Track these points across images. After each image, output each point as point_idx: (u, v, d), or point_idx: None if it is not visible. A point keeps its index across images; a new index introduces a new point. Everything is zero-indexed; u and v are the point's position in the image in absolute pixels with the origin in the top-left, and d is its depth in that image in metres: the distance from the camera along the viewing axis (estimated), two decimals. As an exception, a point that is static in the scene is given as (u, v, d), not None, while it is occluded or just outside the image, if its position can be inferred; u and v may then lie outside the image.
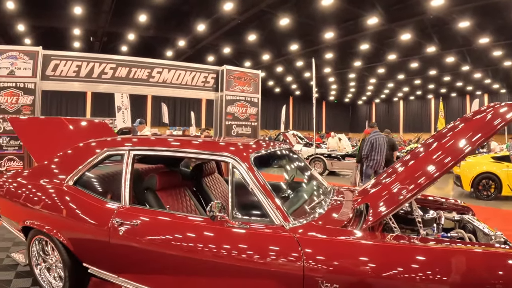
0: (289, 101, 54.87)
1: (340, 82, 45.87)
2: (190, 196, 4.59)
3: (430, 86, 46.95)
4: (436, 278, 2.61)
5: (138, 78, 10.15)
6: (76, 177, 4.23)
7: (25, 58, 8.89)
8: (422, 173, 3.26)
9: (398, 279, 2.65)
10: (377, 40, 26.93)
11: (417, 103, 57.35)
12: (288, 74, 41.02)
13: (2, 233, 6.85)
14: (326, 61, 33.21)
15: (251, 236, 3.15)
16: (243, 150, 3.58)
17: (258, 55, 31.38)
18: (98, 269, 3.98)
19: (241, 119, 11.63)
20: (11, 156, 8.79)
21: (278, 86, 49.26)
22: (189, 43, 27.88)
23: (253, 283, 3.07)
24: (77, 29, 24.73)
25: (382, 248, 2.89)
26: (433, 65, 34.48)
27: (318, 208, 3.62)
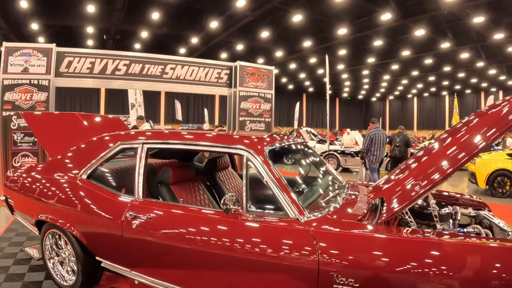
0: (302, 98, 54.66)
1: (353, 79, 45.64)
2: (203, 190, 4.57)
3: (444, 83, 46.55)
4: (452, 272, 2.56)
5: (152, 75, 10.21)
6: (89, 170, 4.23)
7: (39, 55, 8.96)
8: (436, 168, 3.19)
9: (414, 273, 2.61)
10: (390, 36, 26.70)
11: (431, 100, 56.89)
12: (302, 71, 40.91)
13: (16, 228, 6.96)
14: (340, 57, 33.02)
15: (266, 229, 3.11)
16: (257, 143, 3.53)
17: (271, 52, 31.28)
18: (111, 263, 3.98)
19: (255, 115, 11.65)
20: (25, 152, 8.88)
21: (291, 83, 49.14)
22: (202, 40, 27.86)
23: (267, 276, 3.03)
24: (90, 27, 24.81)
25: (397, 242, 2.84)
26: (447, 61, 34.10)
27: (333, 202, 3.58)
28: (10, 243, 6.21)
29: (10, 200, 5.16)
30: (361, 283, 2.69)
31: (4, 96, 8.80)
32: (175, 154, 5.47)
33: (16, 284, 4.60)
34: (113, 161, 4.61)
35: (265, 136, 3.82)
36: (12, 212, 5.29)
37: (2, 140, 8.87)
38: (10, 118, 8.83)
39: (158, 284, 3.64)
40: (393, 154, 12.85)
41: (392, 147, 12.91)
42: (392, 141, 12.97)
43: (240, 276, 3.17)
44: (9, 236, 6.57)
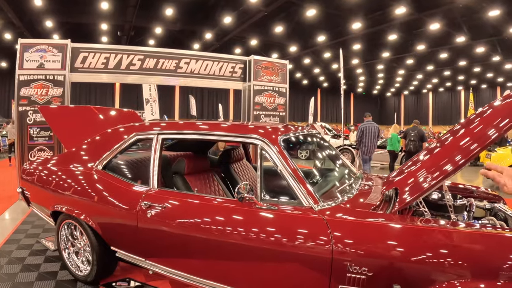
0: (317, 93, 54.47)
1: (368, 74, 45.34)
2: (218, 181, 4.60)
3: (459, 78, 46.05)
4: (466, 262, 2.55)
5: (166, 69, 10.26)
6: (105, 161, 4.28)
7: (54, 51, 9.03)
8: (449, 160, 3.17)
9: (428, 262, 2.61)
10: (405, 31, 26.47)
11: (446, 95, 56.32)
12: (316, 66, 40.74)
13: (32, 220, 7.11)
14: (354, 52, 32.83)
15: (280, 218, 3.12)
16: (272, 133, 3.53)
17: (285, 47, 31.22)
18: (125, 253, 4.03)
19: (269, 109, 11.65)
20: (41, 146, 8.96)
21: (305, 78, 49.00)
22: (216, 35, 27.89)
23: (281, 264, 3.03)
24: (104, 24, 24.96)
25: (411, 231, 2.82)
26: (463, 56, 33.73)
27: (347, 192, 3.57)
28: (26, 234, 6.31)
29: (26, 192, 5.23)
30: (375, 272, 2.70)
31: (20, 91, 8.88)
32: (190, 146, 5.50)
33: (32, 274, 4.68)
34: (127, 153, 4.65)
35: (279, 126, 3.83)
36: (29, 204, 5.36)
37: (19, 135, 8.97)
38: (26, 113, 8.92)
39: (173, 273, 3.68)
40: (408, 149, 12.84)
41: (406, 142, 12.89)
42: (407, 135, 12.95)
43: (253, 265, 3.18)
44: (26, 228, 6.68)
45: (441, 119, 55.34)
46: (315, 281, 2.91)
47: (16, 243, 5.85)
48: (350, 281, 2.75)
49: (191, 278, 3.56)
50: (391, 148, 14.52)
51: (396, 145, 14.40)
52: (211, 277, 3.43)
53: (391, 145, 14.48)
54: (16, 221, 7.13)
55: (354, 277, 2.74)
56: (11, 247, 5.68)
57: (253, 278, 3.20)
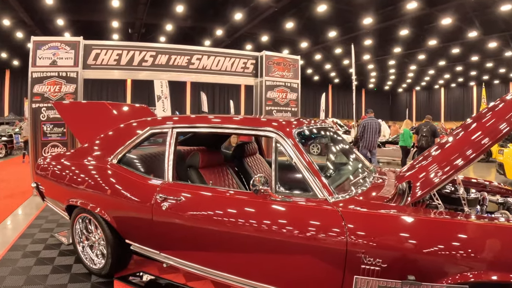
0: (328, 89, 54.26)
1: (379, 69, 45.04)
2: (232, 175, 4.63)
3: (472, 73, 45.62)
4: (480, 254, 2.57)
5: (178, 65, 10.29)
6: (120, 155, 4.32)
7: (67, 48, 9.10)
8: (461, 153, 3.18)
9: (441, 254, 2.62)
10: (417, 26, 26.27)
11: (458, 90, 55.79)
12: (327, 62, 40.54)
13: (46, 215, 7.21)
14: (365, 48, 32.64)
15: (294, 209, 3.14)
16: (286, 125, 3.54)
17: (296, 43, 31.12)
18: (140, 246, 4.06)
19: (281, 105, 11.67)
20: (54, 142, 9.03)
21: (316, 74, 48.77)
22: (227, 32, 27.86)
23: (296, 256, 3.05)
24: (115, 21, 25.04)
25: (425, 223, 2.84)
26: (475, 51, 33.41)
27: (361, 185, 3.59)
28: (41, 229, 6.39)
29: (41, 187, 5.28)
30: (389, 263, 2.71)
31: (34, 88, 8.96)
32: (203, 141, 5.52)
33: (47, 267, 4.74)
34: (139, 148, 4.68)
35: (292, 119, 3.83)
36: (43, 199, 5.41)
37: (32, 131, 9.06)
38: (40, 109, 8.99)
39: (187, 265, 3.70)
40: (420, 144, 12.79)
41: (419, 137, 12.84)
42: (419, 131, 12.90)
43: (268, 256, 3.20)
44: (40, 223, 6.76)
45: (453, 115, 54.82)
46: (329, 273, 2.93)
47: (31, 238, 5.91)
48: (365, 272, 2.76)
49: (205, 271, 3.58)
50: (403, 143, 14.48)
51: (408, 141, 14.34)
52: (225, 269, 3.45)
53: (403, 141, 14.43)
54: (30, 216, 7.21)
55: (369, 268, 2.74)
56: (26, 241, 5.74)
57: (268, 270, 3.22)
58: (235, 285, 3.44)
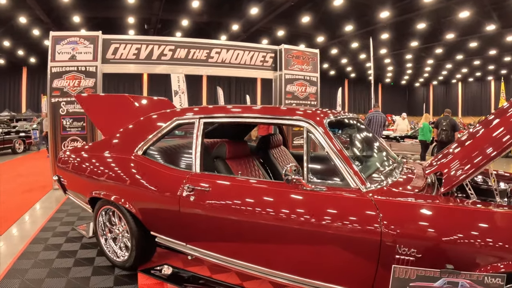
0: (344, 83, 53.99)
1: (396, 64, 44.79)
2: (258, 166, 4.58)
3: (489, 67, 45.18)
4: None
5: (197, 59, 10.29)
6: (145, 147, 4.28)
7: (86, 42, 9.12)
8: (493, 142, 3.19)
9: (476, 244, 2.56)
10: (434, 19, 26.04)
11: (476, 85, 55.27)
12: (343, 56, 40.39)
13: (66, 209, 7.25)
14: (382, 42, 32.41)
15: (327, 199, 3.08)
16: (317, 115, 3.51)
17: (312, 37, 30.99)
18: (166, 237, 4.04)
19: (301, 98, 11.65)
20: (74, 136, 9.06)
21: (333, 69, 48.53)
22: (243, 27, 27.83)
23: (329, 246, 3.01)
24: (131, 17, 25.14)
25: (460, 212, 2.78)
26: (493, 45, 33.06)
27: (391, 175, 3.54)
28: (61, 222, 6.40)
29: (63, 180, 5.26)
30: (423, 253, 2.66)
31: (53, 83, 9.00)
32: (225, 133, 5.46)
33: (69, 260, 4.73)
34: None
35: (323, 110, 3.80)
36: (65, 192, 5.40)
37: (52, 126, 9.09)
38: (59, 104, 9.02)
39: (214, 257, 3.68)
40: (440, 138, 12.63)
41: (438, 131, 12.68)
42: (439, 125, 12.74)
43: (301, 247, 3.16)
44: (60, 216, 6.78)
45: (470, 110, 54.38)
46: (362, 263, 2.89)
47: (52, 231, 5.92)
48: (399, 262, 2.71)
49: (233, 262, 3.55)
50: (422, 138, 14.31)
51: (428, 135, 14.17)
52: (254, 260, 3.42)
53: (423, 135, 14.26)
54: (50, 210, 7.23)
55: (403, 258, 2.70)
56: (47, 234, 5.75)
57: (299, 261, 3.18)
58: (264, 276, 3.40)
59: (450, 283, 2.43)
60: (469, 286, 2.42)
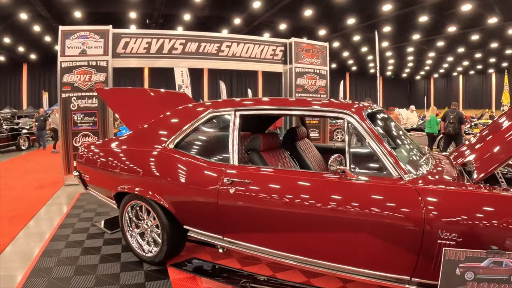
0: (345, 76, 53.93)
1: (397, 57, 44.68)
2: (289, 158, 4.58)
3: (491, 60, 45.07)
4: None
5: (208, 53, 10.30)
6: (177, 140, 4.24)
7: (96, 37, 9.08)
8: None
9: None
10: (436, 12, 25.94)
11: (477, 78, 55.15)
12: (345, 49, 40.29)
13: (82, 205, 7.22)
14: (384, 35, 32.26)
15: (371, 188, 3.18)
16: (358, 107, 3.58)
17: (315, 30, 30.84)
18: (201, 231, 4.03)
19: (311, 91, 11.65)
20: (85, 132, 9.01)
21: (334, 62, 48.35)
22: (245, 21, 27.72)
23: (375, 234, 3.09)
24: (133, 12, 25.01)
25: (499, 198, 2.91)
26: (495, 38, 32.95)
27: (426, 165, 3.63)
28: (80, 219, 6.35)
29: (84, 175, 5.20)
30: (464, 238, 2.76)
31: (63, 78, 8.94)
32: (248, 127, 5.42)
33: (94, 257, 4.68)
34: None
35: (360, 103, 3.86)
36: (86, 187, 5.34)
37: (63, 121, 9.03)
38: (70, 99, 8.97)
39: (253, 249, 3.70)
40: (447, 131, 12.64)
41: (446, 124, 12.68)
42: (446, 118, 12.74)
43: (344, 236, 3.22)
44: (77, 212, 6.73)
45: (471, 103, 54.26)
46: (406, 249, 2.98)
47: (71, 227, 5.87)
48: (441, 247, 2.79)
49: (273, 253, 3.57)
50: (429, 130, 14.30)
51: (435, 128, 14.16)
52: (296, 250, 3.45)
53: (430, 128, 14.25)
54: (64, 206, 7.21)
55: (445, 243, 2.80)
56: (67, 231, 5.70)
57: (343, 249, 3.24)
58: (305, 266, 3.44)
59: (495, 262, 2.58)
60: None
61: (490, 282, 2.58)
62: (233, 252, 4.29)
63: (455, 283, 2.62)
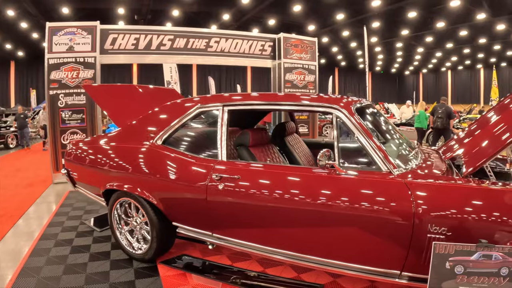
0: (334, 72, 53.94)
1: (386, 52, 44.77)
2: (278, 153, 4.58)
3: (479, 56, 45.29)
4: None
5: (196, 48, 10.23)
6: (165, 136, 4.22)
7: (83, 33, 8.99)
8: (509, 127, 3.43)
9: (503, 222, 2.73)
10: (425, 8, 25.99)
11: (465, 73, 55.41)
12: (334, 45, 40.31)
13: (71, 203, 7.15)
14: (373, 30, 32.26)
15: (361, 183, 3.19)
16: (346, 102, 3.58)
17: (303, 26, 30.79)
18: (190, 227, 4.02)
19: (300, 87, 11.65)
20: (73, 129, 8.94)
21: (323, 57, 48.39)
22: (234, 16, 27.62)
23: (365, 228, 3.10)
24: (121, 8, 24.79)
25: (488, 192, 2.94)
26: (483, 33, 33.08)
27: (415, 159, 3.66)
28: (68, 217, 6.30)
29: (72, 173, 5.16)
30: (454, 231, 2.80)
31: (50, 75, 8.85)
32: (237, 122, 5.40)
33: (84, 255, 4.64)
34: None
35: (346, 96, 3.87)
36: (74, 185, 5.30)
37: (50, 119, 8.95)
38: (57, 96, 8.89)
39: (242, 245, 3.70)
40: (435, 126, 12.79)
41: (434, 119, 12.82)
42: (435, 112, 12.88)
43: (334, 230, 3.23)
44: (66, 210, 6.67)
45: (460, 98, 54.52)
46: (396, 243, 3.00)
47: (60, 226, 5.82)
48: (430, 241, 2.82)
49: (263, 249, 3.58)
50: (418, 125, 14.39)
51: (424, 122, 14.24)
52: (286, 246, 3.46)
53: (419, 122, 14.34)
54: (53, 204, 7.15)
55: (434, 237, 2.83)
56: (56, 229, 5.65)
57: (333, 244, 3.26)
58: (295, 262, 3.46)
59: (485, 256, 2.60)
60: (501, 258, 2.59)
61: (480, 276, 2.61)
62: (223, 248, 4.29)
63: (445, 277, 2.64)
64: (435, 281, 2.66)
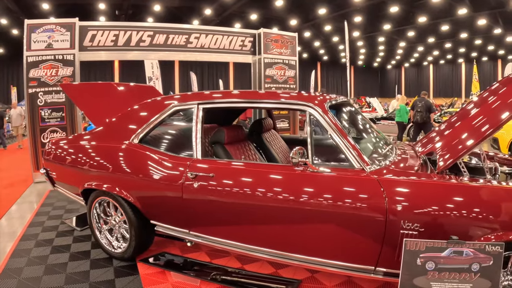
0: (317, 66, 54.02)
1: (368, 46, 44.93)
2: (254, 150, 4.60)
3: (461, 50, 45.60)
4: (506, 216, 2.77)
5: (176, 44, 10.22)
6: (141, 135, 4.23)
7: (62, 30, 8.90)
8: (486, 122, 3.45)
9: (475, 217, 2.78)
10: (407, 2, 26.13)
11: (447, 67, 55.81)
12: (316, 39, 40.34)
13: (51, 202, 7.10)
14: (355, 25, 32.36)
15: (333, 180, 3.22)
16: (319, 99, 3.60)
17: (286, 20, 30.75)
18: (167, 226, 4.04)
19: (280, 82, 11.67)
20: (53, 127, 8.87)
21: (306, 52, 48.45)
22: (215, 11, 27.49)
23: (337, 225, 3.13)
24: (102, 3, 24.53)
25: (460, 188, 2.96)
26: (464, 28, 33.30)
27: (389, 156, 3.69)
28: (49, 216, 6.26)
29: (51, 172, 5.13)
30: (426, 228, 2.84)
31: (29, 73, 8.76)
32: (214, 119, 5.42)
33: (64, 255, 4.63)
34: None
35: (322, 95, 3.88)
36: (54, 185, 5.27)
37: (30, 117, 8.87)
38: (37, 94, 8.81)
39: (219, 242, 3.73)
40: (415, 120, 12.94)
41: (414, 113, 12.96)
42: (414, 106, 13.00)
43: (307, 227, 3.25)
44: (46, 210, 6.63)
45: (442, 91, 54.91)
46: (369, 239, 3.04)
47: (40, 226, 5.79)
48: (403, 237, 2.86)
49: (239, 246, 3.60)
50: (399, 119, 14.50)
51: (405, 116, 14.36)
52: (261, 243, 3.49)
53: (400, 116, 14.45)
54: (34, 204, 7.10)
55: (407, 233, 2.87)
56: (36, 230, 5.62)
57: (307, 241, 3.29)
58: (271, 258, 3.51)
59: (455, 252, 2.64)
60: (472, 254, 2.62)
61: (451, 272, 2.65)
62: (202, 246, 4.30)
63: (416, 273, 2.67)
64: (407, 277, 2.69)
